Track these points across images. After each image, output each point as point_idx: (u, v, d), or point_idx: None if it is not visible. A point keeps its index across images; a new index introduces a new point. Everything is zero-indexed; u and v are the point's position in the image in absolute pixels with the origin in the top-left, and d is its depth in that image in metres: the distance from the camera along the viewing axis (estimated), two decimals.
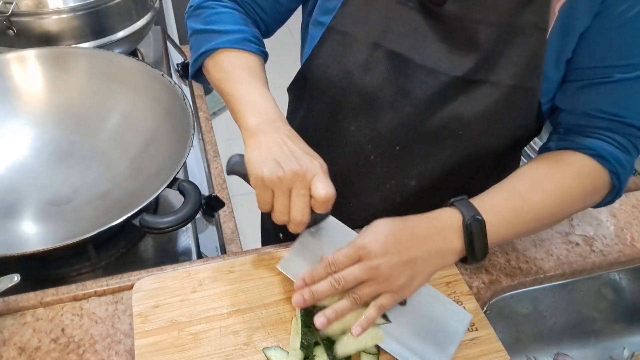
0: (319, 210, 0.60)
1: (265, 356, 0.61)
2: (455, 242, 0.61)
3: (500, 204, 0.64)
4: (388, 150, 0.73)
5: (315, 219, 0.65)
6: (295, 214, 0.60)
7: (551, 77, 0.66)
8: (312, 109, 0.79)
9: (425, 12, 0.67)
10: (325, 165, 0.62)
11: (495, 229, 0.62)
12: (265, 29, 0.80)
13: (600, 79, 0.64)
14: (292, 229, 0.62)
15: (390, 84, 0.69)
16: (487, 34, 0.64)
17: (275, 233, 1.00)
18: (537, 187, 0.65)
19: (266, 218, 1.09)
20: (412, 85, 0.68)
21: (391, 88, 0.69)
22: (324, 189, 0.58)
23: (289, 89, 0.83)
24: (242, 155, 0.65)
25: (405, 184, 0.76)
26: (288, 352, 0.61)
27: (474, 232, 0.60)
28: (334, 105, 0.74)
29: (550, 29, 0.63)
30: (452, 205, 0.63)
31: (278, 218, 0.61)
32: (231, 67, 0.70)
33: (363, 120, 0.72)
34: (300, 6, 0.80)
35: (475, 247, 0.61)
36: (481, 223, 0.61)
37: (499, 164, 0.77)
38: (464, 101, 0.67)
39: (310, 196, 0.60)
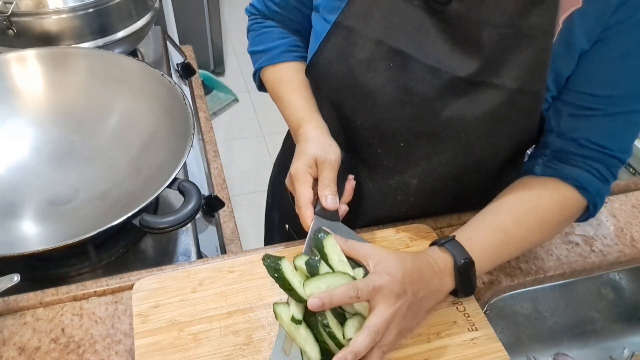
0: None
1: (275, 312, 0.59)
2: (449, 283, 0.64)
3: (486, 241, 0.66)
4: (393, 145, 0.74)
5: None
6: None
7: (550, 89, 0.66)
8: (319, 103, 0.79)
9: (430, 11, 0.67)
10: (331, 160, 0.69)
11: (481, 265, 0.65)
12: (307, 33, 0.84)
13: (594, 110, 0.65)
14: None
15: (392, 81, 0.70)
16: (492, 35, 0.64)
17: (281, 225, 1.00)
18: (520, 222, 0.67)
19: (271, 213, 1.09)
20: (414, 84, 0.69)
21: (393, 85, 0.70)
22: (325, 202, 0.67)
23: None
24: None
25: (408, 183, 0.76)
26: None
27: (464, 273, 0.64)
28: (340, 100, 0.75)
29: (554, 39, 0.62)
30: (442, 246, 0.65)
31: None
32: (274, 82, 0.83)
33: (368, 116, 0.73)
34: None
35: (465, 285, 0.64)
36: (469, 264, 0.63)
37: (501, 168, 0.77)
38: (467, 103, 0.67)
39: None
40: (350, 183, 0.72)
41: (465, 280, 0.64)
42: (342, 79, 0.72)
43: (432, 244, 0.67)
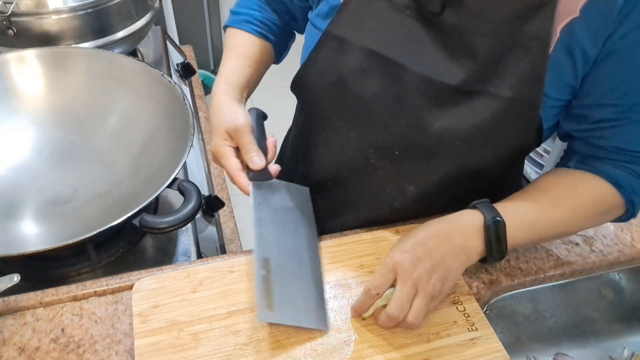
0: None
1: None
2: (476, 241, 0.64)
3: (521, 212, 0.66)
4: (389, 155, 0.73)
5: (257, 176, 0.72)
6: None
7: (552, 97, 0.65)
8: (310, 113, 0.78)
9: (423, 21, 0.66)
10: (241, 125, 0.71)
11: (513, 233, 0.65)
12: (289, 19, 0.88)
13: (618, 120, 0.65)
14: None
15: (386, 91, 0.69)
16: (486, 45, 0.63)
17: None
18: (556, 203, 0.68)
19: None
20: (407, 94, 0.68)
21: (387, 96, 0.69)
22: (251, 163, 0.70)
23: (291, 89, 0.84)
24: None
25: (405, 190, 0.75)
26: None
27: (493, 232, 0.64)
28: (332, 110, 0.74)
29: (551, 49, 0.62)
30: (474, 207, 0.66)
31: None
32: (228, 43, 0.85)
33: (362, 127, 0.72)
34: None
35: (494, 246, 0.64)
36: (501, 224, 0.64)
37: (501, 172, 0.76)
38: (461, 112, 0.66)
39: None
40: (271, 140, 0.74)
41: (494, 241, 0.64)
42: (334, 89, 0.71)
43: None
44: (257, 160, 0.70)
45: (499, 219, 0.64)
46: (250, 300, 0.67)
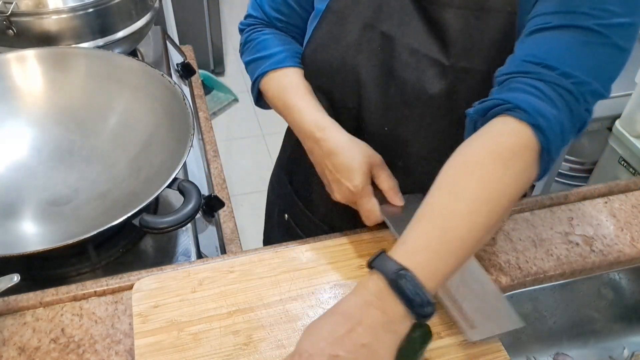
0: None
1: None
2: (395, 308, 0.51)
3: (424, 237, 0.54)
4: (378, 131, 0.75)
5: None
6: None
7: None
8: (313, 88, 0.80)
9: None
10: (381, 160, 0.72)
11: (429, 269, 0.52)
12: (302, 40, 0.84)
13: (541, 25, 0.59)
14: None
15: (379, 63, 0.71)
16: (456, 17, 0.65)
17: (280, 215, 1.01)
18: (456, 195, 0.55)
19: (272, 208, 1.09)
20: (396, 65, 0.70)
21: (380, 68, 0.71)
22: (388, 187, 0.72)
23: None
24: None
25: (394, 165, 0.76)
26: None
27: (403, 288, 0.51)
28: (330, 85, 0.76)
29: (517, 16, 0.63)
30: (370, 267, 0.54)
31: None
32: (278, 88, 0.78)
33: (356, 101, 0.74)
34: None
35: (414, 302, 0.51)
36: (407, 275, 0.51)
37: None
38: (445, 86, 0.68)
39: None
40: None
41: (412, 297, 0.51)
42: (333, 63, 0.73)
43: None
44: (400, 197, 0.72)
45: (401, 270, 0.51)
46: (250, 300, 0.67)
